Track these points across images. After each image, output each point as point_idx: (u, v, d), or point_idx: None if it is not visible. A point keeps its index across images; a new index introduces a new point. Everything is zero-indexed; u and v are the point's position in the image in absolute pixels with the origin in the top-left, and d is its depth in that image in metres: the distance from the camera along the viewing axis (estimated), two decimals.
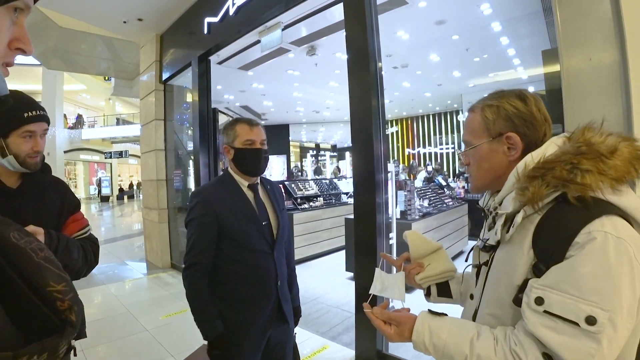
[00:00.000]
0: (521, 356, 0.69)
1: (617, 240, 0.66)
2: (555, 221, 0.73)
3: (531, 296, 0.69)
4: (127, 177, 31.24)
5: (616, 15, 1.65)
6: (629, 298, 0.64)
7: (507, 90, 0.90)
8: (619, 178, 0.71)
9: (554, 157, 0.76)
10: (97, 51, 12.87)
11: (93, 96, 26.80)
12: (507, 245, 0.81)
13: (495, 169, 0.89)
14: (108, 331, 3.57)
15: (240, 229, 1.56)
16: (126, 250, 7.90)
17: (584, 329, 0.64)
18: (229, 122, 1.70)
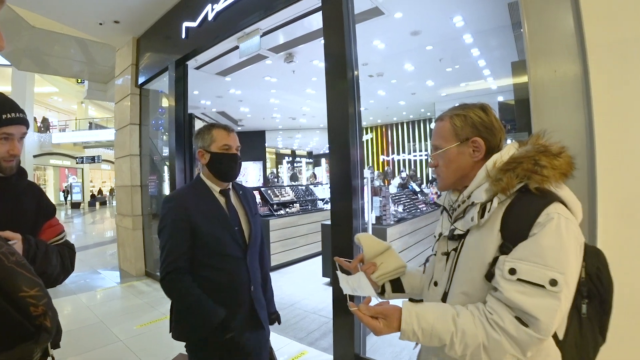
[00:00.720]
0: (498, 322, 0.83)
1: (567, 220, 0.85)
2: (521, 207, 0.89)
3: (504, 268, 0.84)
4: (99, 182, 30.31)
5: (579, 30, 1.74)
6: (575, 264, 0.85)
7: (470, 103, 1.07)
8: (564, 174, 0.92)
9: (521, 155, 0.94)
10: (71, 53, 12.53)
11: (65, 99, 25.97)
12: (477, 230, 0.95)
13: (462, 168, 1.04)
14: (80, 342, 3.45)
15: (213, 234, 1.55)
16: (98, 258, 7.65)
17: (548, 290, 0.80)
18: (204, 126, 1.70)
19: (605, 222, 1.63)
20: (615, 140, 1.63)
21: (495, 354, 0.84)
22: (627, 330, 1.66)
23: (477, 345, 0.84)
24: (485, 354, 0.84)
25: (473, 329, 0.85)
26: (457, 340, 0.85)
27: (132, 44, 6.04)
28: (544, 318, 0.80)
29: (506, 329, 0.82)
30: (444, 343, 0.87)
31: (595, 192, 1.65)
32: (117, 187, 6.57)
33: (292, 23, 4.41)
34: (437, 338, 0.87)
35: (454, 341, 0.86)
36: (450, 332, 0.86)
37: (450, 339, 0.86)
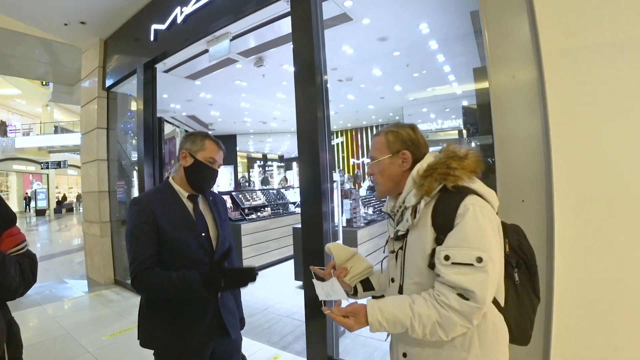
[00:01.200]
0: (445, 301, 1.00)
1: (480, 207, 1.04)
2: (443, 203, 1.08)
3: (440, 256, 1.02)
4: (65, 188, 29.19)
5: (534, 38, 1.84)
6: (494, 241, 1.03)
7: (403, 123, 1.29)
8: (472, 171, 1.12)
9: (435, 162, 1.14)
10: (35, 54, 12.06)
11: (29, 102, 24.93)
12: (415, 229, 1.13)
13: (393, 176, 1.24)
14: (45, 356, 3.32)
15: (179, 238, 1.53)
16: (65, 267, 7.36)
17: (477, 266, 0.98)
18: (199, 132, 1.68)
19: (561, 217, 1.74)
20: (569, 141, 1.73)
21: (448, 328, 1.00)
22: (580, 320, 1.76)
23: (432, 323, 1.00)
24: (440, 329, 1.00)
25: (427, 311, 1.01)
26: (416, 322, 1.01)
27: (99, 45, 5.89)
28: (478, 290, 0.97)
29: (452, 305, 0.99)
30: (406, 327, 1.03)
31: (552, 190, 1.75)
32: (84, 193, 6.36)
33: (262, 27, 4.42)
34: (399, 324, 1.03)
35: (413, 324, 1.02)
36: (409, 317, 1.02)
37: (410, 323, 1.02)
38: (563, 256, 1.74)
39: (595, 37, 1.70)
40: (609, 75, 1.67)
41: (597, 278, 1.69)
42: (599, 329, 1.69)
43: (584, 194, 1.70)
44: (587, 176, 1.70)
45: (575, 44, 1.74)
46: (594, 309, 1.70)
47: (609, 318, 1.66)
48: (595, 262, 1.69)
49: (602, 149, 1.67)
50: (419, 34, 5.57)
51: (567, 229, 1.73)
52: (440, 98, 9.85)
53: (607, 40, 1.67)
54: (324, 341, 2.83)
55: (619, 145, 1.63)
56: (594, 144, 1.69)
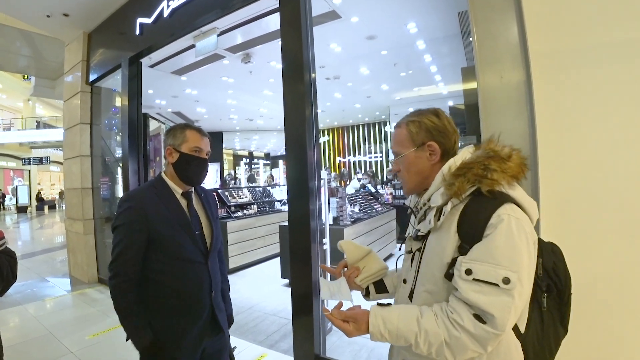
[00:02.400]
0: (458, 320, 0.88)
1: (517, 220, 0.90)
2: (474, 209, 0.95)
3: (461, 269, 0.90)
4: (48, 185, 28.58)
5: (522, 40, 1.85)
6: (528, 261, 0.89)
7: (424, 109, 1.13)
8: (514, 176, 0.98)
9: (471, 160, 0.99)
10: (16, 46, 11.76)
11: (10, 96, 24.30)
12: (436, 232, 1.01)
13: (421, 171, 1.10)
14: (27, 356, 3.24)
15: (173, 237, 1.50)
16: (47, 265, 7.20)
17: (502, 288, 0.85)
18: (178, 125, 1.64)
19: (547, 219, 1.74)
20: (556, 142, 1.75)
21: (457, 350, 0.89)
22: None
23: (439, 343, 0.90)
24: (448, 350, 0.90)
25: (435, 329, 0.90)
26: (421, 340, 0.91)
27: (83, 38, 5.76)
28: (499, 314, 0.85)
29: (465, 327, 0.87)
30: (409, 343, 0.94)
31: (538, 191, 1.76)
32: (66, 190, 6.22)
33: (249, 23, 4.37)
34: (402, 338, 0.94)
35: (418, 341, 0.92)
36: (414, 333, 0.92)
37: (415, 339, 0.92)
38: None
39: (583, 39, 1.71)
40: (596, 78, 1.68)
41: (581, 279, 1.70)
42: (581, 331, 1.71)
43: (570, 194, 1.72)
44: (572, 177, 1.72)
45: (563, 46, 1.75)
46: (577, 311, 1.71)
47: (592, 320, 1.67)
48: (579, 263, 1.70)
49: (588, 150, 1.69)
50: (407, 34, 5.59)
51: (552, 229, 1.74)
52: (426, 98, 9.91)
53: (594, 42, 1.69)
54: (311, 339, 2.82)
55: (606, 147, 1.65)
56: (580, 145, 1.71)
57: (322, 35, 5.45)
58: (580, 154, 1.71)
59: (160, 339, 1.49)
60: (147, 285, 1.50)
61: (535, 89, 1.79)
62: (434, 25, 5.29)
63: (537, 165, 1.78)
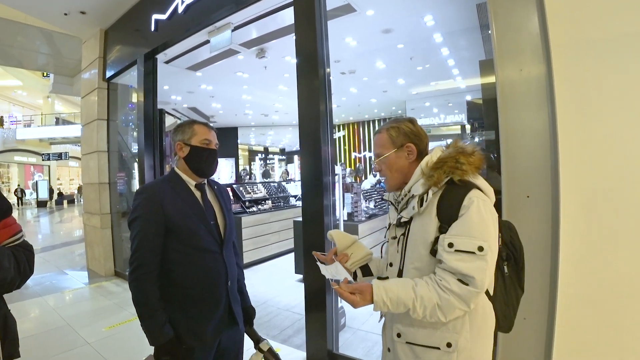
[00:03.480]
0: (446, 285, 1.07)
1: (483, 201, 1.13)
2: (450, 195, 1.15)
3: (444, 244, 1.09)
4: (67, 180, 29.23)
5: (543, 31, 1.79)
6: (494, 232, 1.12)
7: (400, 118, 1.36)
8: (477, 167, 1.20)
9: (445, 156, 1.21)
10: (35, 45, 11.98)
11: (30, 93, 24.92)
12: (419, 217, 1.20)
13: (401, 169, 1.31)
14: (45, 347, 3.31)
15: (189, 227, 1.52)
16: (65, 258, 7.37)
17: (477, 254, 1.06)
18: (185, 121, 1.69)
19: (567, 217, 1.70)
20: (577, 137, 1.69)
21: (447, 310, 1.08)
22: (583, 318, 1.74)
23: (433, 305, 1.08)
24: (440, 311, 1.08)
25: (428, 294, 1.09)
26: (418, 304, 1.09)
27: (100, 36, 5.83)
28: (477, 276, 1.05)
29: (452, 289, 1.06)
30: (408, 307, 1.10)
31: (558, 188, 1.71)
32: (84, 185, 6.34)
33: (264, 18, 4.37)
34: (402, 304, 1.10)
35: (415, 305, 1.09)
36: (412, 298, 1.09)
37: (413, 304, 1.09)
38: (568, 253, 1.71)
39: (606, 30, 1.65)
40: (620, 70, 1.62)
41: (602, 277, 1.66)
42: (602, 328, 1.67)
43: (592, 191, 1.67)
44: (595, 173, 1.66)
45: (585, 37, 1.69)
46: (599, 308, 1.67)
47: (613, 318, 1.64)
48: (601, 261, 1.66)
49: (611, 145, 1.63)
50: (424, 27, 5.50)
51: (573, 226, 1.70)
52: (444, 92, 9.77)
53: (617, 33, 1.62)
54: (324, 335, 2.82)
55: (629, 142, 1.59)
56: (603, 140, 1.65)
57: (337, 29, 5.38)
58: (603, 149, 1.65)
59: (178, 330, 1.49)
60: (167, 276, 1.52)
61: (556, 82, 1.74)
62: (452, 18, 5.19)
63: (558, 160, 1.72)
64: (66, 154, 23.25)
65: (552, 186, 1.78)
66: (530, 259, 1.84)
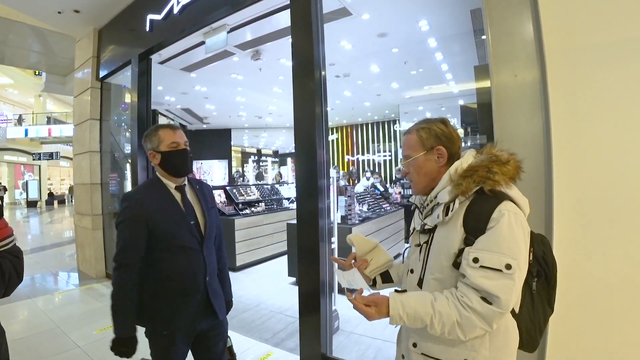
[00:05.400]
0: (467, 302, 1.01)
1: (515, 215, 1.05)
2: (478, 206, 1.08)
3: (469, 258, 1.03)
4: (58, 180, 28.89)
5: (538, 37, 1.81)
6: (524, 250, 1.04)
7: (432, 118, 1.27)
8: (512, 177, 1.12)
9: (477, 164, 1.12)
10: (27, 43, 11.85)
11: (21, 92, 24.56)
12: (443, 226, 1.14)
13: (429, 173, 1.23)
14: (34, 350, 3.26)
15: (170, 228, 1.66)
16: (56, 260, 7.28)
17: (505, 273, 0.99)
18: (150, 129, 1.78)
19: (560, 220, 1.72)
20: (571, 143, 1.71)
21: (467, 329, 1.02)
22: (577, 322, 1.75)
23: (452, 323, 1.02)
24: (459, 329, 1.02)
25: (448, 310, 1.03)
26: (436, 320, 1.03)
27: (93, 35, 5.79)
28: (503, 296, 0.98)
29: (474, 308, 1.00)
30: (425, 324, 1.05)
31: (552, 192, 1.73)
32: (75, 185, 6.27)
33: (259, 20, 4.35)
34: (419, 320, 1.06)
35: (433, 321, 1.04)
36: (430, 314, 1.04)
37: (430, 320, 1.04)
38: (561, 257, 1.71)
39: (601, 36, 1.67)
40: (613, 76, 1.64)
41: (595, 282, 1.67)
42: (596, 332, 1.68)
43: (585, 195, 1.69)
44: (588, 177, 1.68)
45: (580, 43, 1.71)
46: (592, 312, 1.68)
47: (606, 322, 1.65)
48: (594, 264, 1.67)
49: (604, 150, 1.65)
50: (418, 31, 5.53)
51: (566, 230, 1.71)
52: (437, 97, 9.82)
53: (611, 40, 1.65)
54: (318, 338, 2.80)
55: (622, 147, 1.62)
56: (596, 145, 1.67)
57: (333, 33, 5.39)
58: (597, 154, 1.67)
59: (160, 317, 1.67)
60: (150, 271, 1.67)
61: (551, 88, 1.76)
62: (446, 23, 5.22)
63: (551, 164, 1.74)
64: (57, 154, 22.97)
65: (546, 190, 1.79)
66: None
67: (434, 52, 6.48)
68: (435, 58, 6.81)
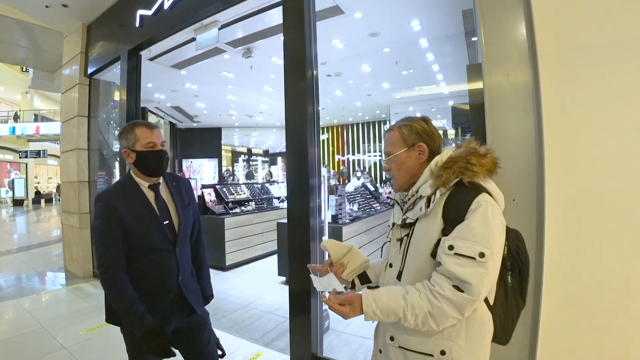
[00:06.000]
0: (439, 291, 1.04)
1: (492, 206, 1.08)
2: (457, 197, 1.11)
3: (445, 245, 1.06)
4: (45, 178, 28.44)
5: (530, 37, 1.81)
6: (499, 241, 1.07)
7: (414, 117, 1.31)
8: (489, 170, 1.16)
9: (456, 155, 1.16)
10: (14, 38, 11.58)
11: (7, 88, 24.13)
12: (425, 218, 1.16)
13: (411, 169, 1.26)
14: (19, 352, 3.19)
15: (141, 230, 1.61)
16: (42, 259, 7.14)
17: (478, 261, 1.01)
18: (126, 126, 1.72)
19: (552, 218, 1.72)
20: (563, 143, 1.72)
21: (439, 319, 1.05)
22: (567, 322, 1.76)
23: (424, 313, 1.05)
24: (432, 320, 1.05)
25: (419, 302, 1.06)
26: (409, 312, 1.06)
27: (82, 30, 5.69)
28: (475, 282, 1.01)
29: (446, 295, 1.03)
30: (399, 317, 1.08)
31: (544, 191, 1.73)
32: (63, 183, 6.16)
33: (251, 17, 4.32)
34: (392, 314, 1.08)
35: (406, 314, 1.06)
36: (402, 307, 1.07)
37: (403, 313, 1.07)
38: (552, 257, 1.74)
39: (593, 37, 1.68)
40: (605, 77, 1.65)
41: (586, 280, 1.68)
42: (586, 332, 1.69)
43: (576, 195, 1.69)
44: (579, 177, 1.69)
45: (573, 44, 1.72)
46: (583, 312, 1.69)
47: (598, 321, 1.66)
48: (585, 264, 1.68)
49: (595, 150, 1.66)
50: (410, 31, 5.54)
51: (557, 229, 1.72)
52: (427, 97, 9.87)
53: (605, 41, 1.65)
54: (308, 338, 2.78)
55: (613, 147, 1.62)
56: (587, 145, 1.68)
57: (325, 31, 5.37)
58: (588, 154, 1.68)
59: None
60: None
61: (543, 88, 1.76)
62: (438, 24, 5.24)
63: (543, 164, 1.75)
64: (45, 152, 22.61)
65: (538, 190, 1.79)
66: None
67: (425, 52, 6.50)
68: (426, 58, 6.83)
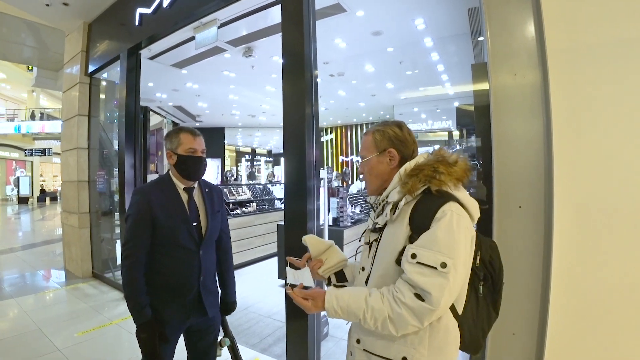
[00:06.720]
0: (401, 298, 1.03)
1: (458, 216, 1.06)
2: (424, 205, 1.10)
3: (408, 254, 1.05)
4: (50, 176, 28.63)
5: (539, 35, 1.74)
6: (464, 251, 1.05)
7: (390, 120, 1.31)
8: (458, 179, 1.14)
9: (423, 163, 1.17)
10: (20, 37, 11.68)
11: (14, 87, 24.28)
12: (392, 224, 1.17)
13: (381, 174, 1.26)
14: (11, 354, 3.14)
15: (170, 226, 1.75)
16: (45, 258, 7.14)
17: (439, 271, 1.00)
18: (173, 129, 1.86)
19: (561, 228, 1.64)
20: (573, 145, 1.64)
21: (399, 325, 1.04)
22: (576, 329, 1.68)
23: (384, 318, 1.05)
24: (391, 324, 1.04)
25: (380, 306, 1.05)
26: (368, 315, 1.06)
27: (83, 29, 5.66)
28: (435, 293, 0.99)
29: (407, 303, 1.02)
30: (359, 318, 1.08)
31: (552, 198, 1.66)
32: (63, 183, 6.15)
33: (251, 15, 4.26)
34: (353, 314, 1.09)
35: (365, 316, 1.07)
36: (362, 309, 1.07)
37: (363, 315, 1.07)
38: (561, 264, 1.66)
39: (604, 35, 1.59)
40: (617, 76, 1.57)
41: (596, 287, 1.60)
42: (595, 338, 1.62)
43: (586, 200, 1.61)
44: (590, 182, 1.61)
45: (584, 41, 1.63)
46: (591, 322, 1.62)
47: (606, 328, 1.59)
48: (594, 271, 1.60)
49: (607, 153, 1.58)
50: (414, 30, 5.44)
51: (566, 236, 1.64)
52: (432, 98, 9.79)
53: (616, 38, 1.57)
54: (305, 345, 2.71)
55: (627, 151, 1.54)
56: (599, 149, 1.59)
57: (327, 30, 5.31)
58: (599, 158, 1.59)
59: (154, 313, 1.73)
60: (149, 264, 1.76)
61: (552, 89, 1.68)
62: (443, 22, 5.14)
63: (552, 169, 1.67)
64: (50, 150, 22.74)
65: (546, 196, 1.72)
66: (521, 272, 1.78)
67: (429, 52, 6.41)
68: (431, 58, 6.74)
